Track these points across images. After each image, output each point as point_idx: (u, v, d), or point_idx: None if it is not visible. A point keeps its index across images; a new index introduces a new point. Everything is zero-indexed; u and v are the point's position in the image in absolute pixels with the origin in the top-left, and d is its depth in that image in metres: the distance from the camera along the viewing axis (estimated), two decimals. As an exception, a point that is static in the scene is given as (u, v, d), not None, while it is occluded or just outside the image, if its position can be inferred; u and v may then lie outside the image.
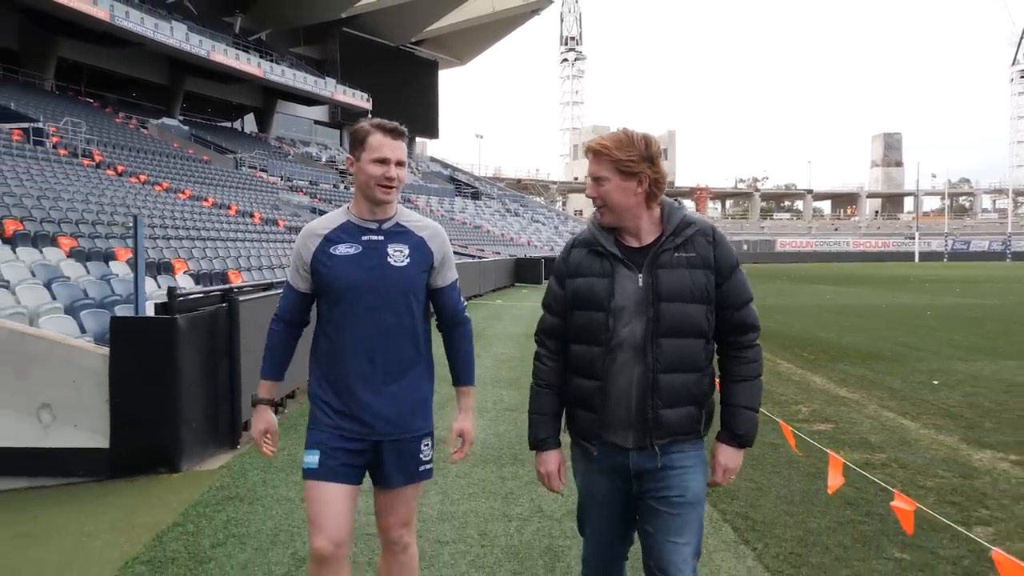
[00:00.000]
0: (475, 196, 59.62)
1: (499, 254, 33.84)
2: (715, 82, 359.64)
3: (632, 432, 2.12)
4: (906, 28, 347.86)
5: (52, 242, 11.34)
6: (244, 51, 42.38)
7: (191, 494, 4.64)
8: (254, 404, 2.49)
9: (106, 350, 5.15)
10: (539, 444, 2.30)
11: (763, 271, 43.51)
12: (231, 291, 6.15)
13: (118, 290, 8.68)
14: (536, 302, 20.97)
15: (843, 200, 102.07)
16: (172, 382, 5.05)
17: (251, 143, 46.07)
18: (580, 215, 79.34)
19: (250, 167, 38.28)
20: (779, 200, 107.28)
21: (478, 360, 9.81)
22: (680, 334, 2.11)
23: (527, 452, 5.61)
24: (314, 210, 31.60)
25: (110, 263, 11.02)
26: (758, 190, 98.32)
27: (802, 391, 7.94)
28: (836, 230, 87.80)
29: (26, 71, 34.73)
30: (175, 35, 36.93)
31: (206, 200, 24.43)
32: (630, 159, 2.10)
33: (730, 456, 2.23)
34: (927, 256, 73.72)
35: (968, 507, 4.39)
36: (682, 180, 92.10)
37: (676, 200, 2.17)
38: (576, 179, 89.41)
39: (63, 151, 24.15)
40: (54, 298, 7.50)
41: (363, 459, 2.38)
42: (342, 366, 2.36)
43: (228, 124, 52.01)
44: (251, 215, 24.86)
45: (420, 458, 2.44)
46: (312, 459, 2.35)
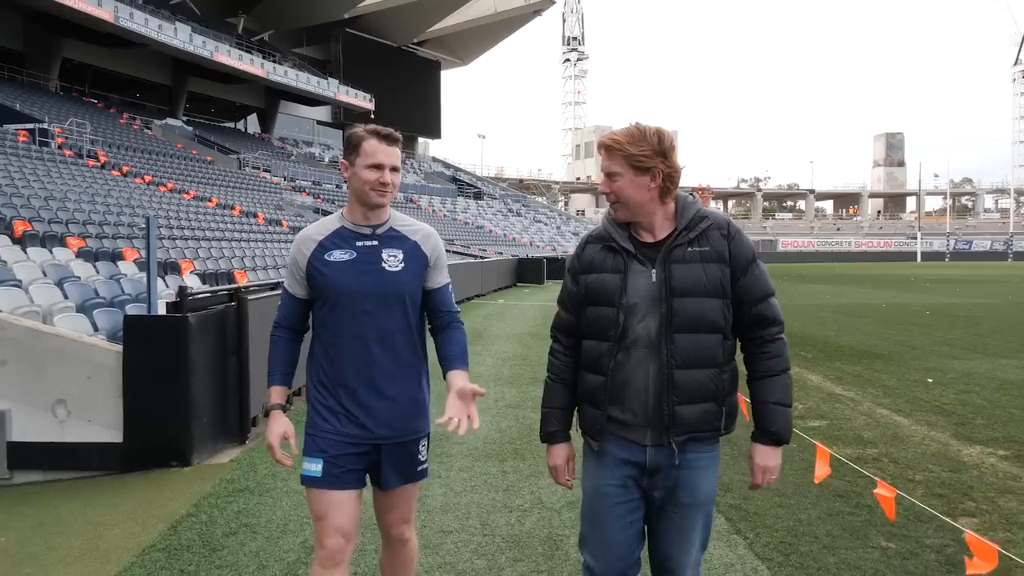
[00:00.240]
0: (477, 196, 59.75)
1: (501, 254, 33.98)
2: (717, 82, 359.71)
3: (650, 429, 2.09)
4: (908, 28, 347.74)
5: (61, 242, 11.52)
6: (247, 52, 42.53)
7: (203, 486, 4.80)
8: (267, 412, 2.43)
9: (119, 347, 5.31)
10: (548, 437, 2.29)
11: None
12: (239, 290, 6.30)
13: (127, 289, 8.85)
14: (538, 302, 21.10)
15: (845, 200, 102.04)
16: (183, 379, 5.21)
17: (254, 144, 46.22)
18: (582, 215, 79.46)
19: (253, 168, 38.42)
20: (781, 200, 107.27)
21: (479, 358, 10.01)
22: (695, 329, 2.06)
23: (528, 447, 5.79)
24: (317, 210, 31.77)
25: (118, 263, 11.21)
26: (760, 190, 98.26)
27: (798, 389, 8.06)
28: (838, 230, 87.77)
29: (31, 72, 34.90)
30: (179, 36, 37.10)
31: (210, 201, 24.59)
32: (643, 154, 2.06)
33: (767, 455, 2.15)
34: (929, 256, 73.78)
35: (955, 499, 4.53)
36: (684, 180, 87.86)
37: (691, 194, 2.18)
38: (578, 179, 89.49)
39: (68, 152, 24.32)
40: (66, 297, 7.66)
41: (365, 462, 2.40)
42: (340, 371, 2.37)
43: (231, 125, 52.19)
44: (255, 215, 25.02)
45: (418, 459, 2.47)
46: (315, 467, 2.36)
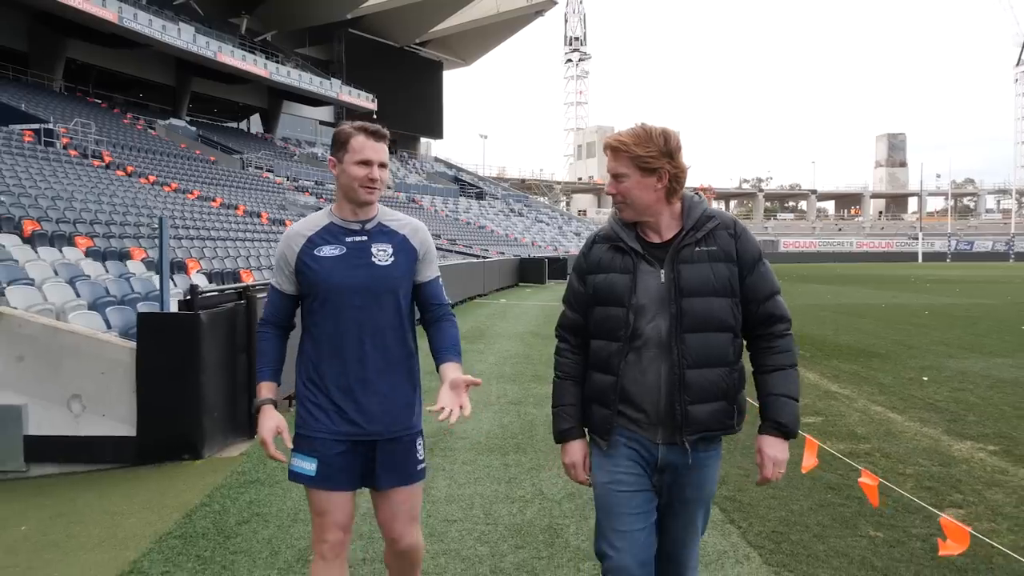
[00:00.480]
0: (479, 196, 59.92)
1: (503, 254, 34.14)
2: (719, 82, 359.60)
3: (661, 428, 2.10)
4: (910, 28, 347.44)
5: (69, 242, 11.68)
6: (250, 52, 42.74)
7: (214, 478, 4.95)
8: (258, 408, 2.38)
9: (133, 344, 5.47)
10: (562, 435, 2.26)
11: None
12: (248, 289, 6.46)
13: (136, 288, 9.03)
14: (539, 301, 21.22)
15: (847, 200, 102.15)
16: (195, 374, 5.37)
17: (257, 144, 46.42)
18: (584, 215, 79.59)
19: (256, 167, 38.60)
20: (783, 200, 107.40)
21: (482, 356, 10.22)
22: (705, 328, 2.08)
23: (529, 441, 5.95)
24: (320, 210, 31.88)
25: (126, 262, 11.39)
26: (762, 190, 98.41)
27: (795, 386, 8.21)
28: (840, 230, 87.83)
29: (35, 72, 35.09)
30: (182, 36, 37.30)
31: (214, 200, 24.76)
32: (649, 155, 2.07)
33: (777, 448, 2.15)
34: (930, 256, 73.87)
35: (943, 492, 4.67)
36: (686, 180, 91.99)
37: (697, 194, 2.24)
38: (580, 179, 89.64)
39: (74, 152, 24.49)
40: (78, 295, 7.83)
41: (359, 462, 2.36)
42: (331, 368, 2.34)
43: (234, 125, 52.38)
44: (258, 215, 25.19)
45: (416, 457, 2.43)
46: (309, 466, 2.33)
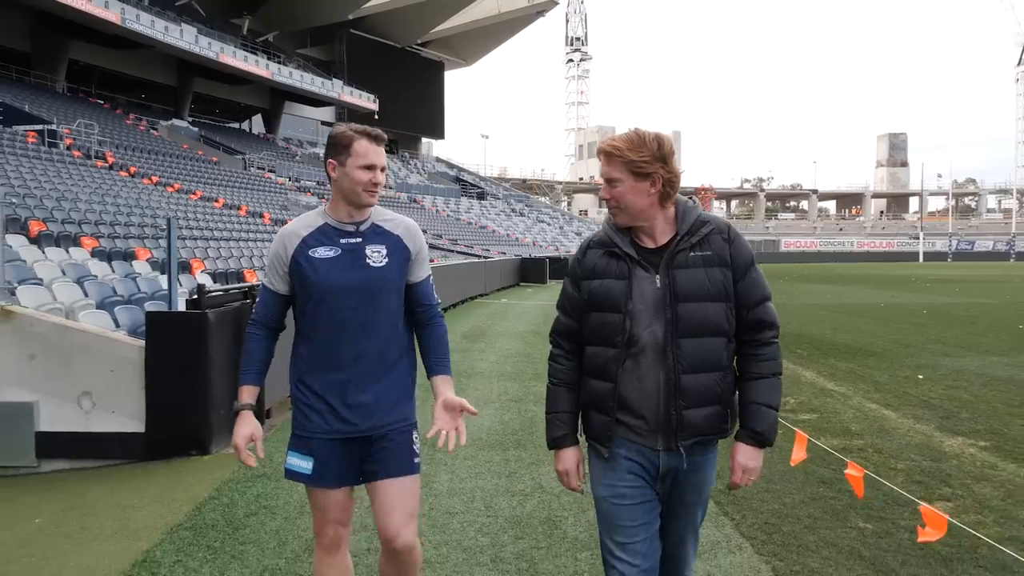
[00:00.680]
0: (480, 196, 60.06)
1: (504, 254, 34.28)
2: (720, 82, 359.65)
3: (660, 434, 2.12)
4: (912, 28, 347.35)
5: (75, 242, 11.81)
6: (252, 53, 42.88)
7: (222, 473, 5.09)
8: (236, 412, 2.39)
9: (142, 342, 5.59)
10: (555, 442, 2.27)
11: (767, 271, 41.53)
12: (253, 288, 6.59)
13: (143, 288, 9.17)
14: (540, 301, 21.33)
15: (848, 200, 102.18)
16: (203, 372, 5.50)
17: (259, 144, 46.57)
18: (585, 215, 79.73)
19: (258, 168, 38.76)
20: (784, 200, 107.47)
21: (483, 355, 10.42)
22: (700, 333, 2.09)
23: (529, 438, 6.07)
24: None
25: (132, 262, 11.52)
26: (763, 190, 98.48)
27: (792, 384, 8.32)
28: (841, 230, 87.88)
29: (38, 73, 35.25)
30: (185, 37, 37.43)
31: (217, 201, 24.90)
32: (643, 160, 2.07)
33: (749, 456, 2.18)
34: (931, 256, 73.91)
35: (933, 486, 4.79)
36: (687, 180, 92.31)
37: (690, 198, 2.28)
38: (581, 179, 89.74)
39: (77, 153, 24.63)
40: (86, 295, 7.97)
41: (355, 458, 2.39)
42: (327, 368, 2.36)
43: (236, 125, 52.54)
44: (261, 215, 25.33)
45: (412, 449, 2.44)
46: (305, 464, 2.37)
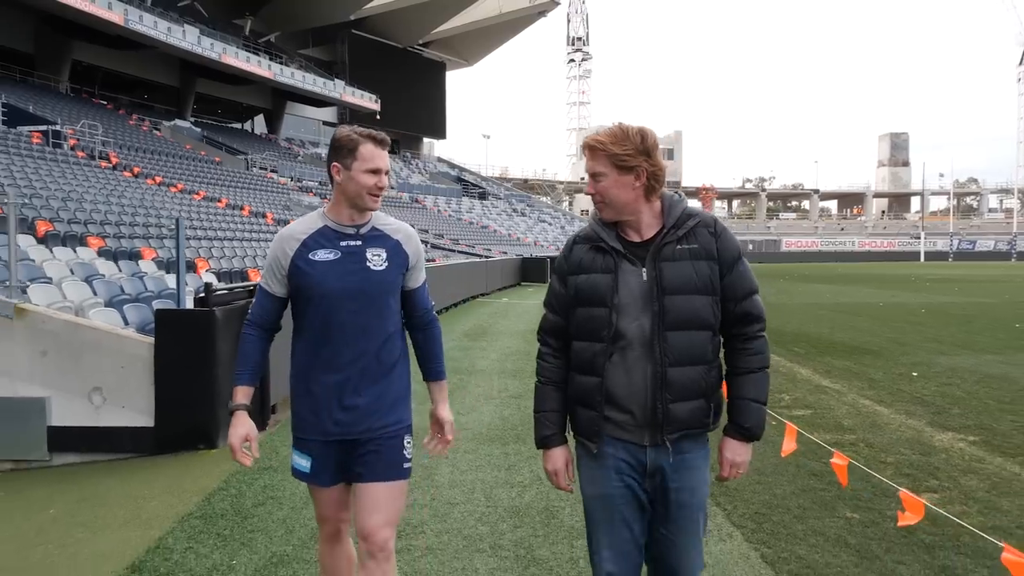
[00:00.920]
0: (482, 196, 60.20)
1: (506, 254, 34.43)
2: (722, 82, 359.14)
3: (647, 429, 2.10)
4: (913, 28, 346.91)
5: (81, 242, 11.96)
6: (254, 53, 43.00)
7: (230, 466, 5.21)
8: (232, 412, 2.39)
9: (151, 339, 5.75)
10: (544, 442, 2.26)
11: (767, 271, 43.58)
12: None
13: (150, 286, 9.33)
14: (541, 300, 21.67)
15: (849, 200, 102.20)
16: (210, 368, 5.65)
17: (261, 144, 46.71)
18: (586, 214, 79.87)
19: (261, 168, 38.89)
20: (785, 200, 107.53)
21: (484, 353, 10.65)
22: (686, 327, 2.08)
23: (528, 432, 6.17)
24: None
25: (138, 262, 11.67)
26: (764, 190, 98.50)
27: (788, 381, 8.46)
28: (842, 230, 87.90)
29: (41, 74, 35.43)
30: (187, 38, 37.56)
31: (220, 201, 25.05)
32: (626, 153, 2.07)
33: (737, 450, 2.19)
34: (933, 256, 73.95)
35: (920, 478, 4.93)
36: (688, 180, 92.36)
37: (677, 193, 2.27)
38: (582, 179, 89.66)
39: (81, 153, 24.79)
40: (95, 293, 8.13)
41: (348, 458, 2.43)
42: (325, 370, 2.38)
43: (238, 125, 52.68)
44: (264, 215, 25.48)
45: (403, 454, 2.45)
46: (304, 463, 2.43)
